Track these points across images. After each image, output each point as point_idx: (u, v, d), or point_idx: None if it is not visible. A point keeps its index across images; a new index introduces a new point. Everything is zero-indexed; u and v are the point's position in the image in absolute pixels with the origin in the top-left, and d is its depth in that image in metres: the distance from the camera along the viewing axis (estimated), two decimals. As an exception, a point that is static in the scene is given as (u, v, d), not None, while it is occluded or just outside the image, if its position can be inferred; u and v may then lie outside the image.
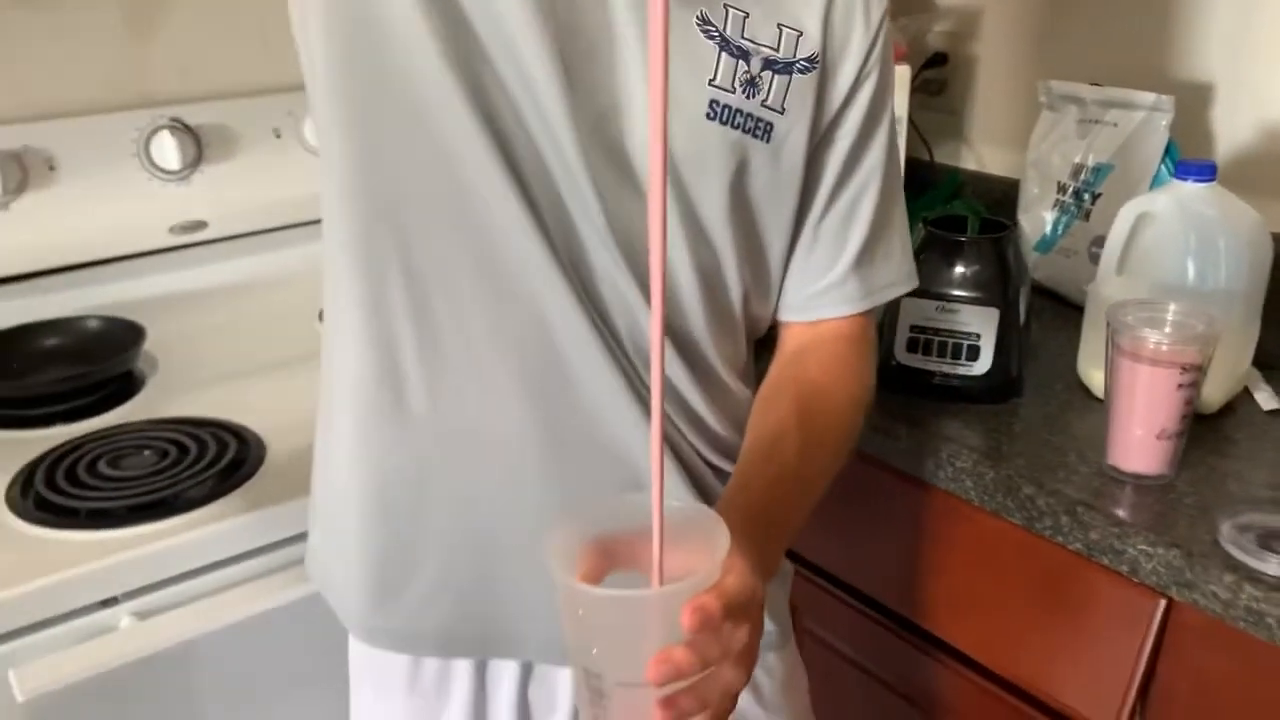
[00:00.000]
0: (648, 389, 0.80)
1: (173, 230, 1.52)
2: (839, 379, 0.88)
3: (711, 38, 0.77)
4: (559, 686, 0.91)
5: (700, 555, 0.59)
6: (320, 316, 1.51)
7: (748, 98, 0.78)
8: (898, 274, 0.93)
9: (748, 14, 0.78)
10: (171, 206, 1.51)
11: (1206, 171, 1.15)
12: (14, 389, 1.29)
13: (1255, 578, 0.91)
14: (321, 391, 0.88)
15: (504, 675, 0.91)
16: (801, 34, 0.80)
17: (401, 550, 0.85)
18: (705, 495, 0.87)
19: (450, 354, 0.80)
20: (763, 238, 0.85)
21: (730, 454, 0.88)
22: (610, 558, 0.61)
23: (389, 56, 0.74)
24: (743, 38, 0.78)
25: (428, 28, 0.72)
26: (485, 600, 0.86)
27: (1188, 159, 1.19)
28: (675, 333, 0.82)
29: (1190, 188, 1.16)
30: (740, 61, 0.78)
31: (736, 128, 0.78)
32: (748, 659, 0.61)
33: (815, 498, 0.82)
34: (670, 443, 0.83)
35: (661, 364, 0.57)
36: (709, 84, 0.77)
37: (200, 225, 1.54)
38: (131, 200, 1.49)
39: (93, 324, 1.43)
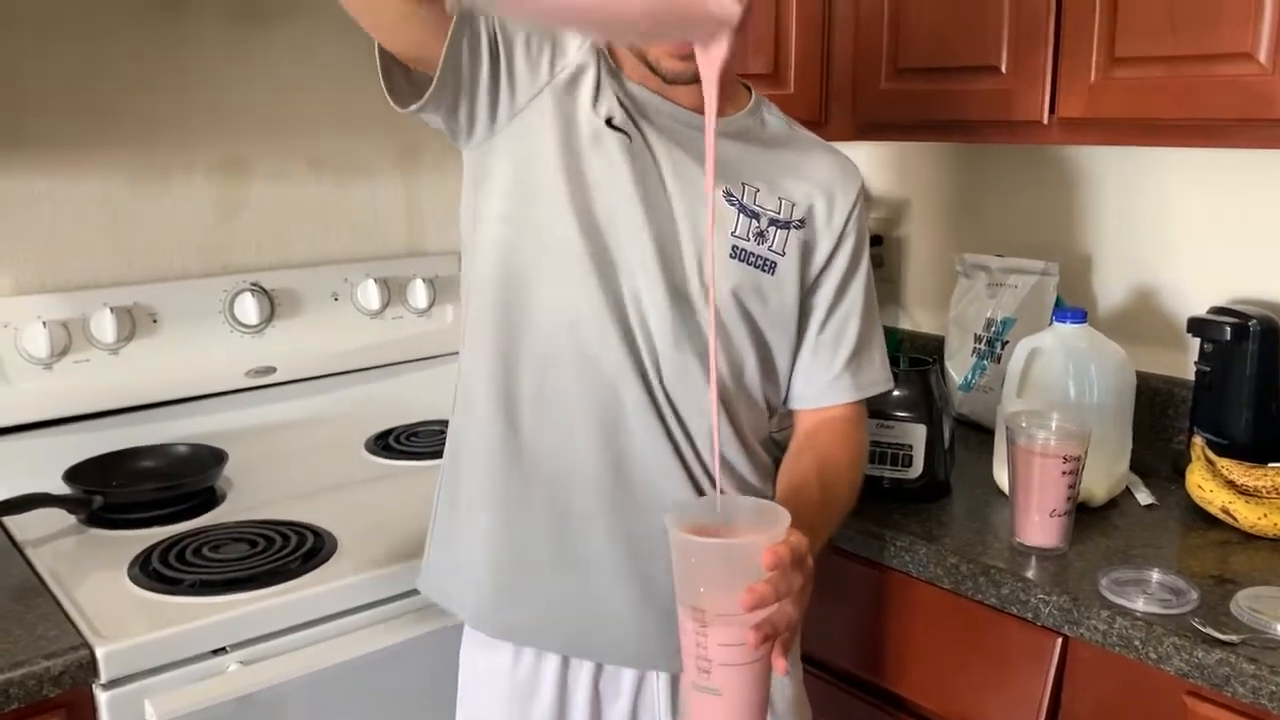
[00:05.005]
0: (689, 451, 1.12)
1: (248, 374, 1.79)
2: (844, 445, 1.20)
3: (733, 205, 1.12)
4: (623, 681, 1.17)
5: (770, 527, 0.87)
6: (366, 446, 1.81)
7: (758, 244, 1.13)
8: (879, 377, 1.25)
9: (758, 189, 1.14)
10: (248, 354, 1.79)
11: (1078, 316, 1.49)
12: (123, 496, 1.54)
13: (1125, 613, 1.18)
14: (449, 448, 1.20)
15: (582, 672, 1.17)
16: (795, 204, 1.15)
17: (515, 557, 1.14)
18: None
19: (553, 416, 1.11)
20: (771, 347, 1.17)
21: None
22: (704, 535, 0.89)
23: (537, 206, 1.08)
24: (755, 204, 1.13)
25: (567, 193, 1.07)
26: (572, 603, 1.14)
27: (1064, 307, 1.52)
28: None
29: (1067, 328, 1.49)
30: (753, 220, 1.13)
31: (750, 264, 1.13)
32: (803, 599, 0.90)
33: (831, 529, 1.12)
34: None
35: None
36: (731, 234, 1.12)
37: (271, 370, 1.81)
38: (216, 349, 1.76)
39: (181, 449, 1.68)
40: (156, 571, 1.35)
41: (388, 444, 1.84)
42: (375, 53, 1.02)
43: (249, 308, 1.77)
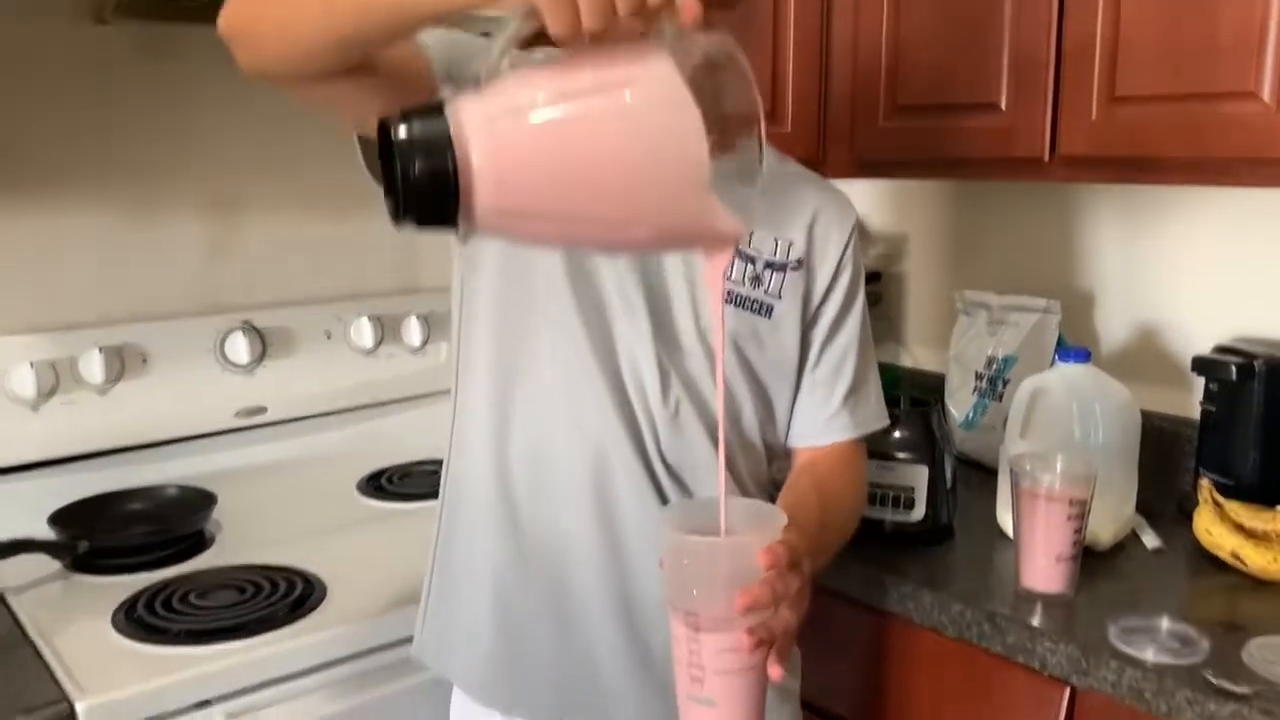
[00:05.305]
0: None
1: (238, 414, 1.77)
2: (842, 473, 1.17)
3: None
4: None
5: (766, 529, 0.84)
6: (358, 487, 1.78)
7: (754, 288, 1.10)
8: (874, 414, 1.22)
9: (753, 231, 1.11)
10: (239, 394, 1.76)
11: (1082, 355, 1.47)
12: (110, 540, 1.50)
13: (1135, 663, 1.15)
14: (444, 505, 1.17)
15: None
16: (792, 243, 1.12)
17: (511, 631, 1.11)
18: None
19: (546, 484, 1.09)
20: (769, 391, 1.15)
21: None
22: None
23: (532, 270, 1.07)
24: (750, 248, 1.11)
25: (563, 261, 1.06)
26: (568, 676, 1.11)
27: (1067, 346, 1.50)
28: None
29: (1071, 367, 1.46)
30: (748, 264, 1.10)
31: (746, 309, 1.10)
32: (800, 604, 0.86)
33: (829, 553, 1.08)
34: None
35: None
36: (727, 280, 1.09)
37: (261, 410, 1.78)
38: (207, 388, 1.74)
39: (170, 491, 1.65)
40: (141, 620, 1.32)
41: (380, 485, 1.81)
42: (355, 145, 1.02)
43: (240, 347, 1.75)
